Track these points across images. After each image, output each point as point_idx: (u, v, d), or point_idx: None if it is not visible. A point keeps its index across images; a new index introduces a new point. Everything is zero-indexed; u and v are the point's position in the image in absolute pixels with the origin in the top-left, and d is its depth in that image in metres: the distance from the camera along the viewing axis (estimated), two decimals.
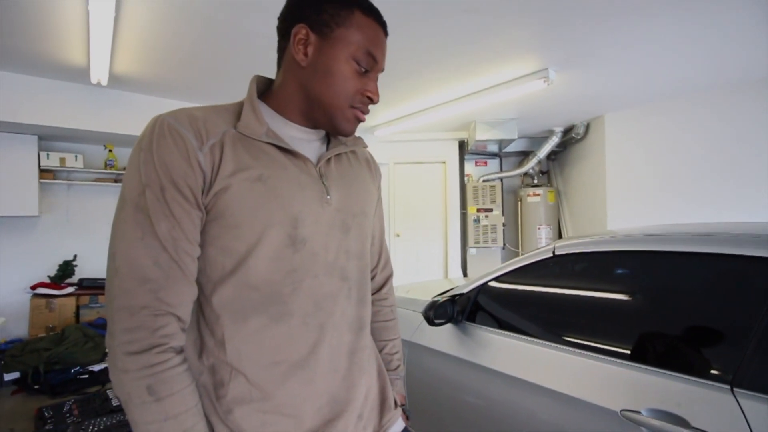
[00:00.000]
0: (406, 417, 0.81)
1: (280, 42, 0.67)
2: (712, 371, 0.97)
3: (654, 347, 1.12)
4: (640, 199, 3.85)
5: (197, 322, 0.62)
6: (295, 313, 0.61)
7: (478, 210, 4.84)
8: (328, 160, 0.70)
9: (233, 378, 0.59)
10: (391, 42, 0.72)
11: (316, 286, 0.63)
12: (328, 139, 0.74)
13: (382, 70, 0.69)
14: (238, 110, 0.64)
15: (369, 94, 0.65)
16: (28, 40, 2.42)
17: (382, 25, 0.67)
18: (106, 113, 3.27)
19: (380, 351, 0.86)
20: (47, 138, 3.53)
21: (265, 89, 0.70)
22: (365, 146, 0.80)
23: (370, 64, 0.65)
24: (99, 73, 2.83)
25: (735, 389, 0.90)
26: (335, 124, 0.66)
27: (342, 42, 0.62)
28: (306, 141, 0.69)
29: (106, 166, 3.77)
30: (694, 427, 0.90)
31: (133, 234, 0.54)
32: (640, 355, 1.11)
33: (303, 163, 0.65)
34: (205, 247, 0.59)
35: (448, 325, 1.65)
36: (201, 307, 0.62)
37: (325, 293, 0.64)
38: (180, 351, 0.56)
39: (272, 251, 0.60)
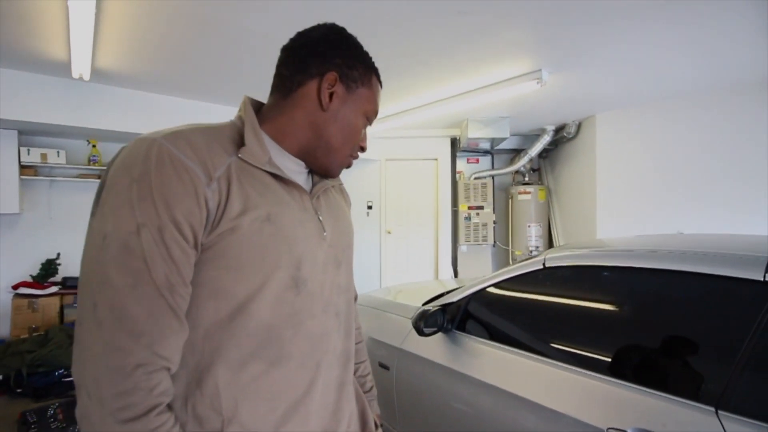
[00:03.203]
0: None
1: (293, 74, 0.64)
2: (698, 393, 0.97)
3: (642, 365, 1.13)
4: (630, 198, 3.88)
5: (179, 369, 0.57)
6: (294, 356, 0.60)
7: (469, 207, 4.84)
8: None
9: (226, 428, 0.55)
10: (385, 41, 0.78)
11: (315, 326, 0.62)
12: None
13: None
14: (234, 134, 0.60)
15: (363, 145, 0.71)
16: (6, 31, 2.32)
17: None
18: (88, 108, 3.17)
19: (353, 374, 0.85)
20: (28, 133, 3.42)
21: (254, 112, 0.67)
22: (341, 183, 0.82)
23: (372, 122, 0.72)
24: (81, 68, 2.73)
25: (720, 412, 0.90)
26: (331, 167, 0.69)
27: (362, 100, 0.67)
28: (298, 173, 0.67)
29: (89, 161, 3.68)
30: None
31: (121, 280, 0.48)
32: (626, 372, 1.12)
33: (300, 196, 0.64)
34: (192, 288, 0.54)
35: (438, 334, 1.65)
36: (184, 353, 0.56)
37: (322, 332, 0.64)
38: (171, 407, 0.52)
39: (275, 295, 0.57)
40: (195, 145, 0.54)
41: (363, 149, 0.72)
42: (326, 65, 0.64)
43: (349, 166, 0.71)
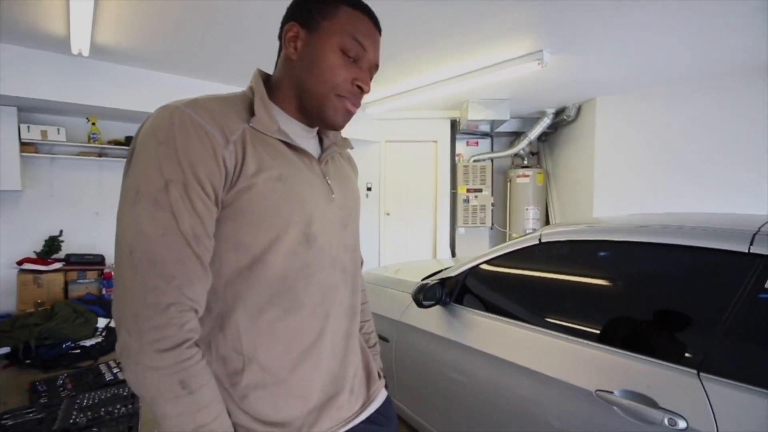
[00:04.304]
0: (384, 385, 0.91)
1: (279, 45, 0.70)
2: (682, 357, 1.03)
3: (629, 332, 1.19)
4: (627, 182, 3.92)
5: (204, 314, 0.63)
6: (306, 304, 0.65)
7: (468, 190, 4.87)
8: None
9: (247, 367, 0.62)
10: (386, 22, 0.76)
11: (324, 278, 0.68)
12: (320, 139, 0.77)
13: (376, 66, 0.71)
14: (245, 104, 0.65)
15: (358, 83, 0.66)
16: (4, 5, 2.30)
17: (372, 19, 0.69)
18: (88, 85, 3.16)
19: (359, 331, 0.91)
20: (27, 110, 3.40)
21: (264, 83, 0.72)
22: (351, 147, 0.83)
23: (359, 52, 0.66)
24: (80, 43, 2.71)
25: (701, 374, 0.96)
26: (324, 114, 0.66)
27: (328, 33, 0.64)
28: (305, 138, 0.71)
29: (89, 139, 3.67)
30: (661, 408, 0.97)
31: (153, 230, 0.54)
32: (615, 339, 1.17)
33: (309, 161, 0.69)
34: (216, 242, 0.60)
35: (437, 307, 1.71)
36: (208, 300, 0.62)
37: (330, 284, 0.69)
38: (198, 345, 0.58)
39: (289, 248, 0.63)
40: (212, 111, 0.59)
41: (361, 89, 0.67)
42: (287, 21, 0.67)
43: (348, 111, 0.68)
